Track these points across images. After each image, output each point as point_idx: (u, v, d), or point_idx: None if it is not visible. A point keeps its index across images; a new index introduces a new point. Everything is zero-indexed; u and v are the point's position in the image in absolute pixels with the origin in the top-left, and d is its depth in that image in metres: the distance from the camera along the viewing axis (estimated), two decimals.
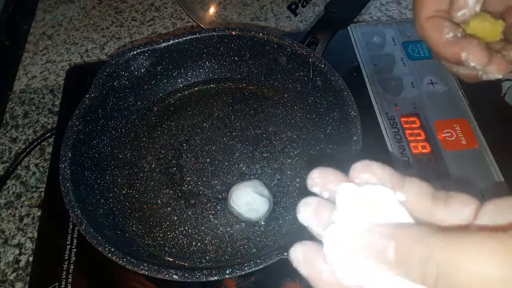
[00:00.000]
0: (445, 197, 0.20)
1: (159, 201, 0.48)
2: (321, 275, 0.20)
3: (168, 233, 0.45)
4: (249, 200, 0.43)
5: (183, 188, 0.48)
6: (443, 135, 0.51)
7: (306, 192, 0.22)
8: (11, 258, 0.50)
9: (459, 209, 0.20)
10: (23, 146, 0.59)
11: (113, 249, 0.37)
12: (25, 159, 0.58)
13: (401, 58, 0.58)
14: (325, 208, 0.21)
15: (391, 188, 0.20)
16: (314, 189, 0.22)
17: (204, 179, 0.49)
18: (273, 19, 0.71)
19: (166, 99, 0.56)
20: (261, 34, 0.51)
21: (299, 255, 0.20)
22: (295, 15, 0.68)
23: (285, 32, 0.69)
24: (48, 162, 0.55)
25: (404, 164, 0.49)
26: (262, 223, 0.45)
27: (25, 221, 0.53)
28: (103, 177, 0.48)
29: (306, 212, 0.22)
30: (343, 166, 0.22)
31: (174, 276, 0.36)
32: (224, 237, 0.45)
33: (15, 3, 0.77)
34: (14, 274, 0.49)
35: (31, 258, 0.49)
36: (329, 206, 0.21)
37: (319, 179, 0.22)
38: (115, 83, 0.50)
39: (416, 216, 0.20)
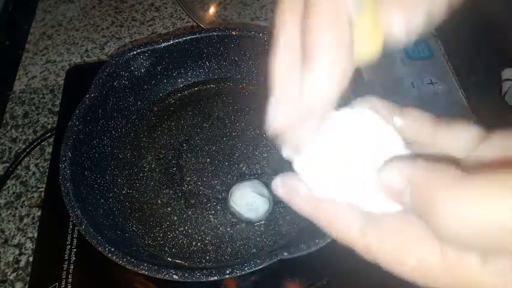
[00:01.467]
0: (447, 122, 0.20)
1: (159, 201, 0.48)
2: (297, 192, 0.21)
3: (168, 233, 0.45)
4: (249, 200, 0.43)
5: (183, 188, 0.48)
6: None
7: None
8: (11, 258, 0.50)
9: (462, 133, 0.19)
10: (23, 146, 0.59)
11: (113, 249, 0.37)
12: (25, 159, 0.58)
13: (402, 58, 0.58)
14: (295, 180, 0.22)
15: (388, 114, 0.21)
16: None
17: (204, 179, 0.49)
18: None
19: (166, 99, 0.56)
20: (261, 34, 0.51)
21: (278, 181, 0.21)
22: None
23: None
24: (48, 162, 0.55)
25: None
26: (262, 223, 0.45)
27: (25, 221, 0.53)
28: (103, 177, 0.48)
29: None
30: None
31: (174, 276, 0.36)
32: (224, 237, 0.45)
33: (15, 3, 0.77)
34: (14, 274, 0.49)
35: (31, 258, 0.49)
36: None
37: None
38: (115, 83, 0.50)
39: (415, 142, 0.20)
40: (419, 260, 0.17)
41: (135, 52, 0.50)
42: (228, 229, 0.45)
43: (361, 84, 0.39)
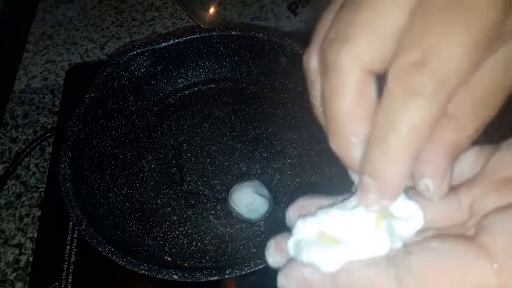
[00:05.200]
0: None
1: (159, 201, 0.48)
2: (307, 280, 0.18)
3: (168, 233, 0.45)
4: (249, 201, 0.43)
5: (183, 188, 0.48)
6: None
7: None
8: (11, 258, 0.50)
9: (463, 158, 0.19)
10: (23, 146, 0.59)
11: (113, 249, 0.37)
12: (25, 159, 0.58)
13: None
14: (286, 239, 0.20)
15: None
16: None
17: (204, 179, 0.49)
18: (273, 19, 0.71)
19: (166, 99, 0.56)
20: (261, 34, 0.51)
21: (282, 281, 0.19)
22: (295, 15, 0.68)
23: (285, 32, 0.69)
24: (48, 162, 0.55)
25: None
26: (262, 223, 0.45)
27: (25, 221, 0.53)
28: (103, 177, 0.48)
29: (270, 255, 0.21)
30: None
31: (174, 276, 0.36)
32: (224, 237, 0.45)
33: (15, 3, 0.77)
34: (14, 274, 0.49)
35: (31, 258, 0.49)
36: (288, 236, 0.20)
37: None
38: (115, 83, 0.50)
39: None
40: (476, 287, 0.15)
41: (135, 52, 0.50)
42: (228, 229, 0.45)
43: None
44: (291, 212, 0.22)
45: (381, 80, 0.17)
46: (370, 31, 0.17)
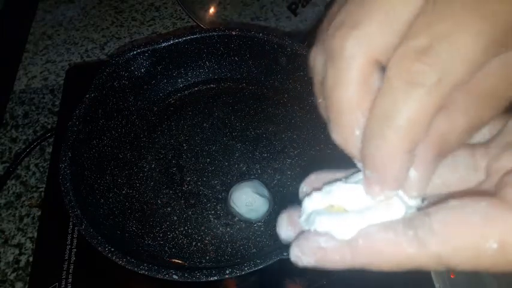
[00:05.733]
0: None
1: (159, 201, 0.48)
2: (323, 249, 0.17)
3: (168, 233, 0.45)
4: (249, 201, 0.43)
5: (183, 188, 0.48)
6: None
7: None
8: (11, 258, 0.50)
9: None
10: (23, 146, 0.59)
11: (112, 249, 0.37)
12: (25, 159, 0.58)
13: None
14: (298, 211, 0.20)
15: None
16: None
17: (204, 179, 0.49)
18: (273, 19, 0.71)
19: (166, 99, 0.56)
20: (261, 34, 0.51)
21: (296, 252, 0.18)
22: (295, 15, 0.68)
23: (285, 32, 0.69)
24: (48, 162, 0.55)
25: None
26: (262, 223, 0.45)
27: (25, 221, 0.53)
28: (103, 177, 0.48)
29: (283, 229, 0.20)
30: (342, 166, 0.22)
31: (174, 276, 0.36)
32: (224, 237, 0.45)
33: (15, 3, 0.77)
34: (14, 274, 0.49)
35: (31, 258, 0.49)
36: (299, 211, 0.20)
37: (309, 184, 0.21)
38: (115, 83, 0.50)
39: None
40: (501, 239, 0.15)
41: (135, 52, 0.50)
42: (228, 229, 0.45)
43: None
44: (304, 187, 0.22)
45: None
46: (381, 16, 0.16)
